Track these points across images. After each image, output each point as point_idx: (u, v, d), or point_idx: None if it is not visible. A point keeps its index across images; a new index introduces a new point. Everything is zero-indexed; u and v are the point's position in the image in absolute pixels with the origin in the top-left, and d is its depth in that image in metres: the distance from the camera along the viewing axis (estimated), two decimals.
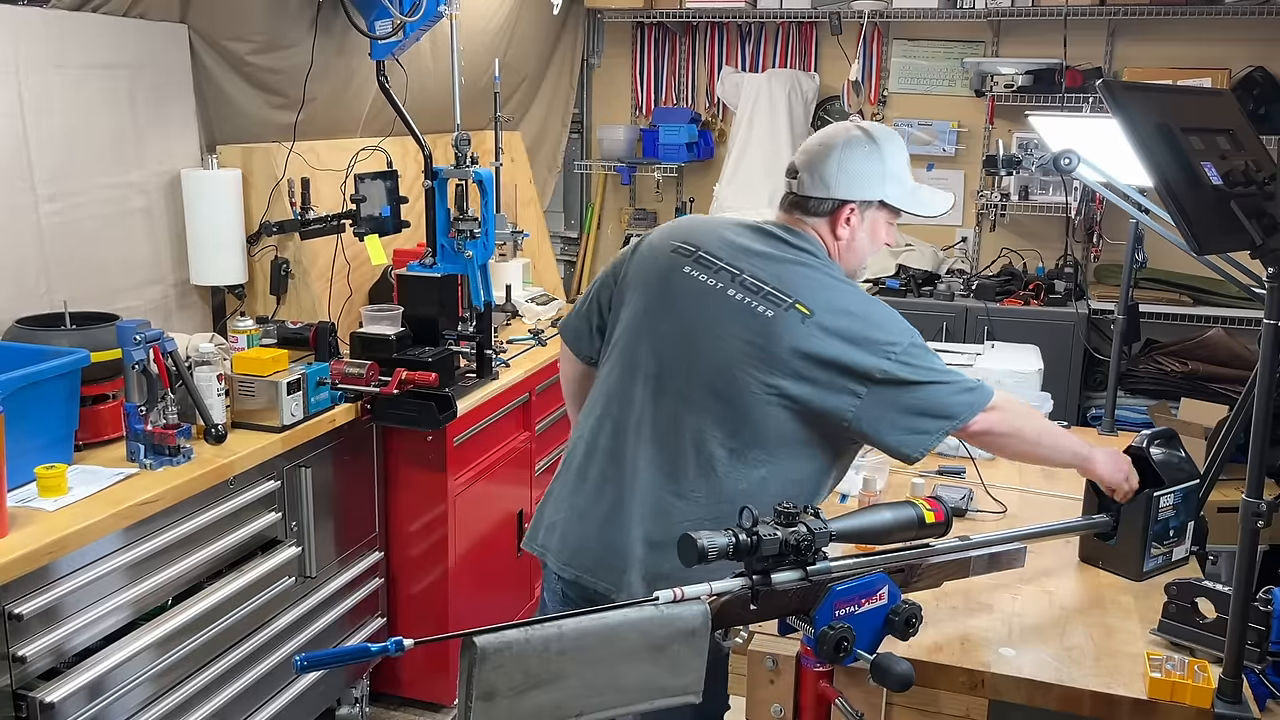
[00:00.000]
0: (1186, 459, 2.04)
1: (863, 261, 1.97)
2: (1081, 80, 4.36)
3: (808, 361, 1.78)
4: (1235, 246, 1.48)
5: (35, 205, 2.59)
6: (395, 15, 3.26)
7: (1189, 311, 4.25)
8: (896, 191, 1.91)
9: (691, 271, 1.89)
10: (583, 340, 2.09)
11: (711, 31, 5.04)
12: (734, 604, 1.35)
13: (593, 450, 1.94)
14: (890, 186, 1.90)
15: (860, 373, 1.77)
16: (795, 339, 1.78)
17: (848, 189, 1.88)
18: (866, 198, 1.89)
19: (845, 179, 1.87)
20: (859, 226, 1.91)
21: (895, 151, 1.92)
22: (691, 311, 1.87)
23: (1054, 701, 1.61)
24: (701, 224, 2.02)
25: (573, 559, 1.91)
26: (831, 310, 1.80)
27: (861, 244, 1.93)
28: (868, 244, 1.94)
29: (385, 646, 1.14)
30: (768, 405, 1.80)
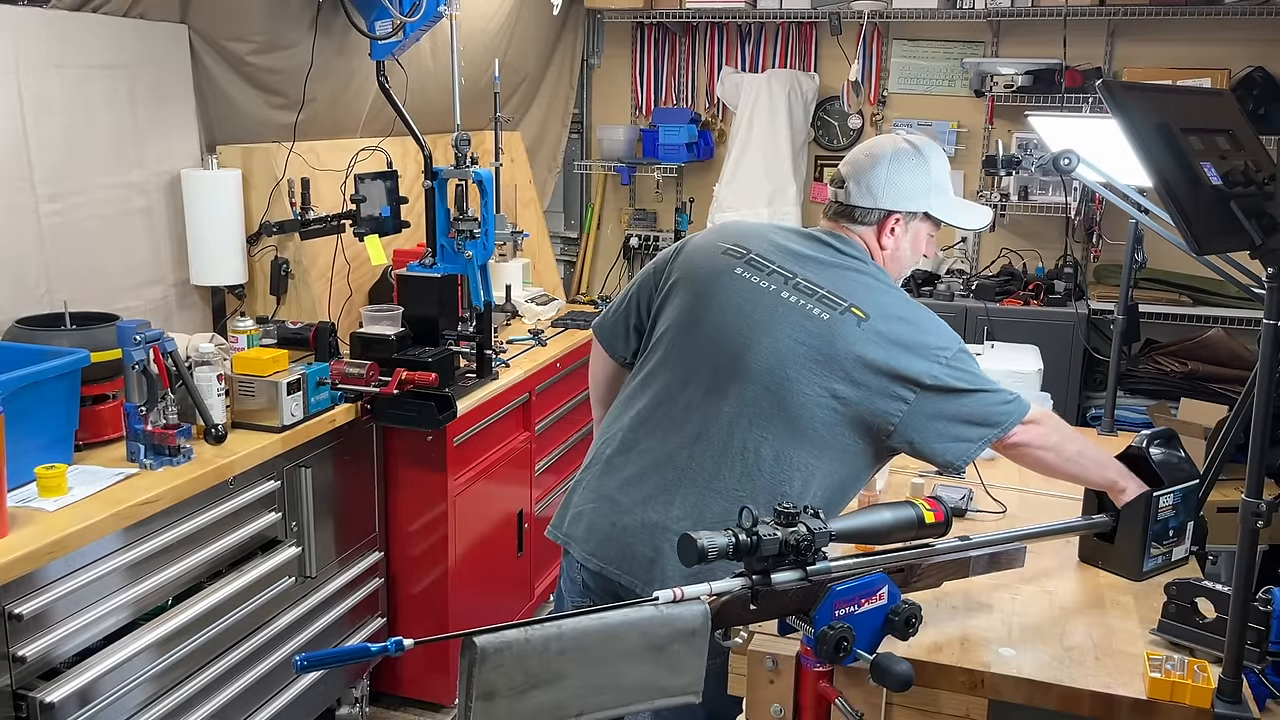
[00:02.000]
0: (1186, 459, 2.04)
1: (904, 271, 2.00)
2: (1081, 80, 4.37)
3: (862, 365, 1.80)
4: (1235, 246, 1.48)
5: (35, 205, 2.59)
6: (395, 15, 3.27)
7: (1189, 311, 4.25)
8: (940, 203, 1.96)
9: (743, 273, 1.91)
10: (619, 340, 2.10)
11: (711, 31, 5.04)
12: (734, 604, 1.35)
13: (630, 445, 1.93)
14: (935, 198, 1.95)
15: (911, 378, 1.79)
16: (851, 342, 1.80)
17: (895, 200, 1.92)
18: (913, 209, 1.94)
19: (893, 190, 1.92)
20: (903, 237, 1.95)
21: (940, 164, 1.97)
22: (744, 312, 1.88)
23: (1054, 701, 1.60)
24: (750, 228, 2.05)
25: (598, 549, 1.90)
26: (886, 315, 1.83)
27: (904, 254, 1.97)
28: (909, 254, 1.98)
29: (385, 646, 1.14)
30: (818, 408, 1.81)
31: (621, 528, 1.88)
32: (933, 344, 1.81)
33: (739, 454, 1.84)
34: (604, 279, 5.34)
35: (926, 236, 1.99)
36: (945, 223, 1.98)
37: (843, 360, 1.80)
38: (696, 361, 1.90)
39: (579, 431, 4.14)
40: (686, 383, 1.90)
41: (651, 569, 1.84)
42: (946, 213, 1.97)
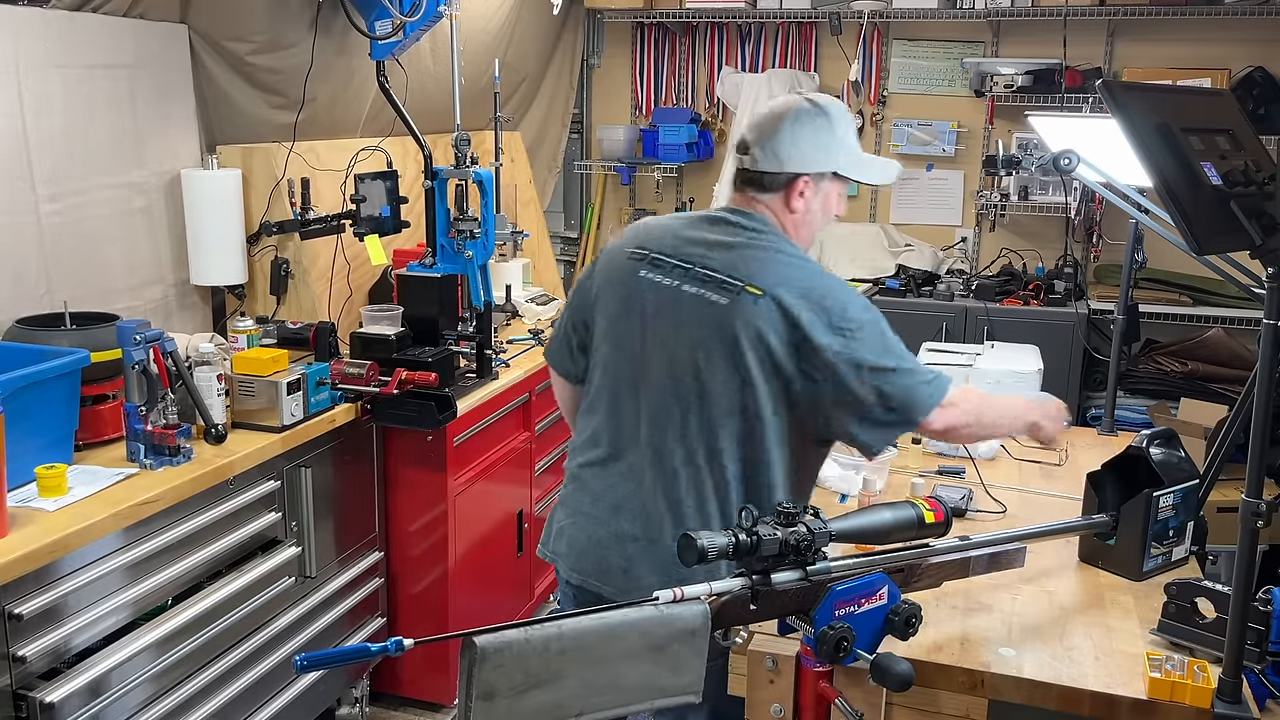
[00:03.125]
0: (1186, 459, 2.04)
1: (816, 233, 1.96)
2: (1081, 80, 4.37)
3: (764, 346, 1.77)
4: (1235, 246, 1.49)
5: (35, 205, 2.59)
6: (395, 15, 3.26)
7: (1189, 311, 4.25)
8: (848, 161, 1.90)
9: (647, 274, 1.90)
10: (566, 362, 2.10)
11: (711, 31, 5.04)
12: (734, 604, 1.35)
13: (594, 460, 1.96)
14: (842, 157, 1.89)
15: (815, 354, 1.75)
16: (750, 323, 1.78)
17: (802, 161, 1.86)
18: (820, 169, 1.87)
19: (798, 152, 1.86)
20: (813, 199, 1.89)
21: (844, 121, 1.90)
22: (656, 314, 1.88)
23: (1054, 701, 1.61)
24: (656, 224, 2.02)
25: (579, 563, 1.93)
26: (784, 289, 1.78)
27: (815, 216, 1.92)
28: (820, 216, 1.93)
29: (385, 646, 1.14)
30: (737, 399, 1.80)
31: (596, 540, 1.91)
32: (836, 318, 1.77)
33: (683, 461, 1.85)
34: None
35: (837, 196, 1.93)
36: (854, 180, 1.93)
37: (745, 344, 1.78)
38: (623, 373, 1.92)
39: None
40: (621, 396, 1.92)
41: (626, 579, 1.85)
42: (855, 170, 1.91)
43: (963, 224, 4.86)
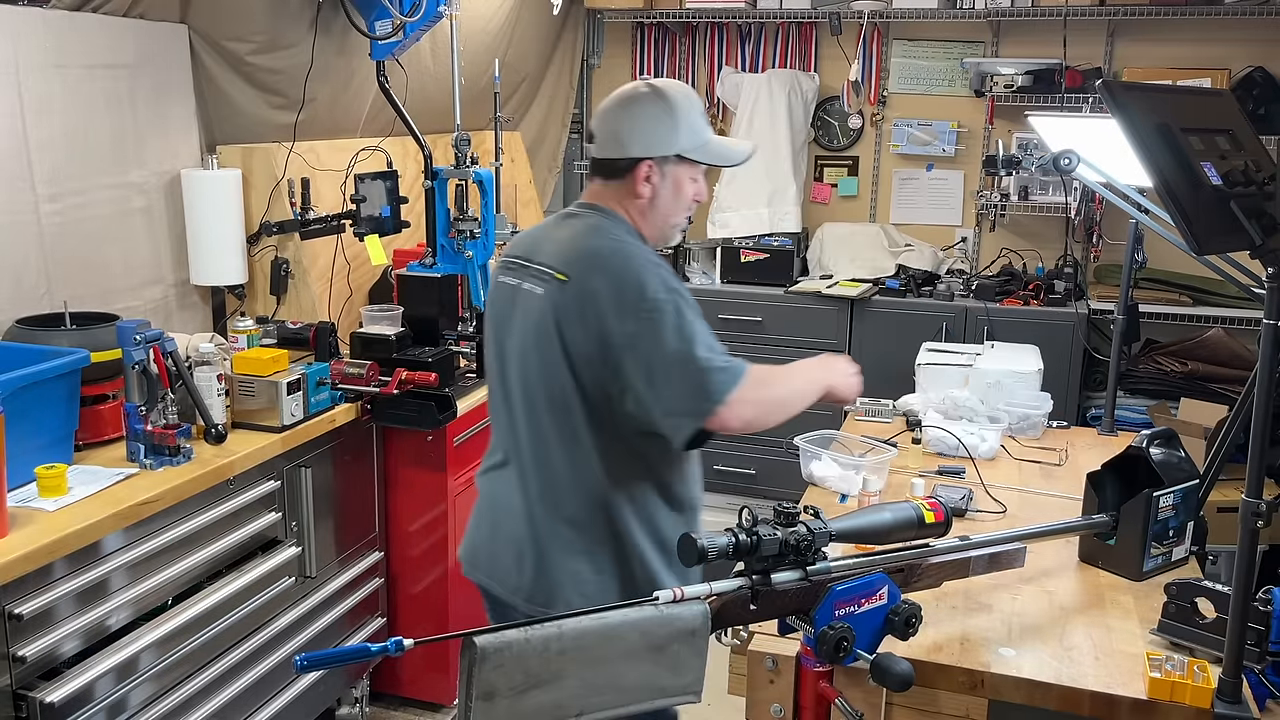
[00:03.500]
0: (1186, 459, 2.04)
1: (671, 219, 1.92)
2: (1081, 80, 4.36)
3: (572, 332, 1.77)
4: (1235, 246, 1.49)
5: (35, 205, 2.59)
6: (395, 15, 3.26)
7: (1189, 311, 4.25)
8: (690, 143, 1.87)
9: (503, 278, 1.95)
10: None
11: (711, 31, 5.04)
12: (734, 604, 1.35)
13: (487, 468, 2.03)
14: (685, 139, 1.86)
15: (611, 337, 1.74)
16: (557, 310, 1.79)
17: (643, 145, 1.85)
18: (663, 152, 1.85)
19: (639, 136, 1.85)
20: (660, 184, 1.87)
21: (686, 104, 1.88)
22: (508, 316, 1.91)
23: (1054, 701, 1.61)
24: (528, 230, 2.05)
25: (477, 565, 2.00)
26: (589, 272, 1.77)
27: (665, 201, 1.88)
28: (672, 200, 1.89)
29: (385, 646, 1.14)
30: (567, 393, 1.80)
31: (490, 543, 1.96)
32: (632, 298, 1.74)
33: (540, 465, 1.87)
34: None
35: (689, 180, 1.89)
36: (700, 163, 1.89)
37: (556, 332, 1.79)
38: (495, 378, 1.98)
39: None
40: (497, 401, 1.97)
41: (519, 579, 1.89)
42: (699, 152, 1.88)
43: (963, 224, 4.85)
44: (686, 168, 1.88)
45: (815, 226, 4.93)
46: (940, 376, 3.10)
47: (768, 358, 4.48)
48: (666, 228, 1.92)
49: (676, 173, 1.87)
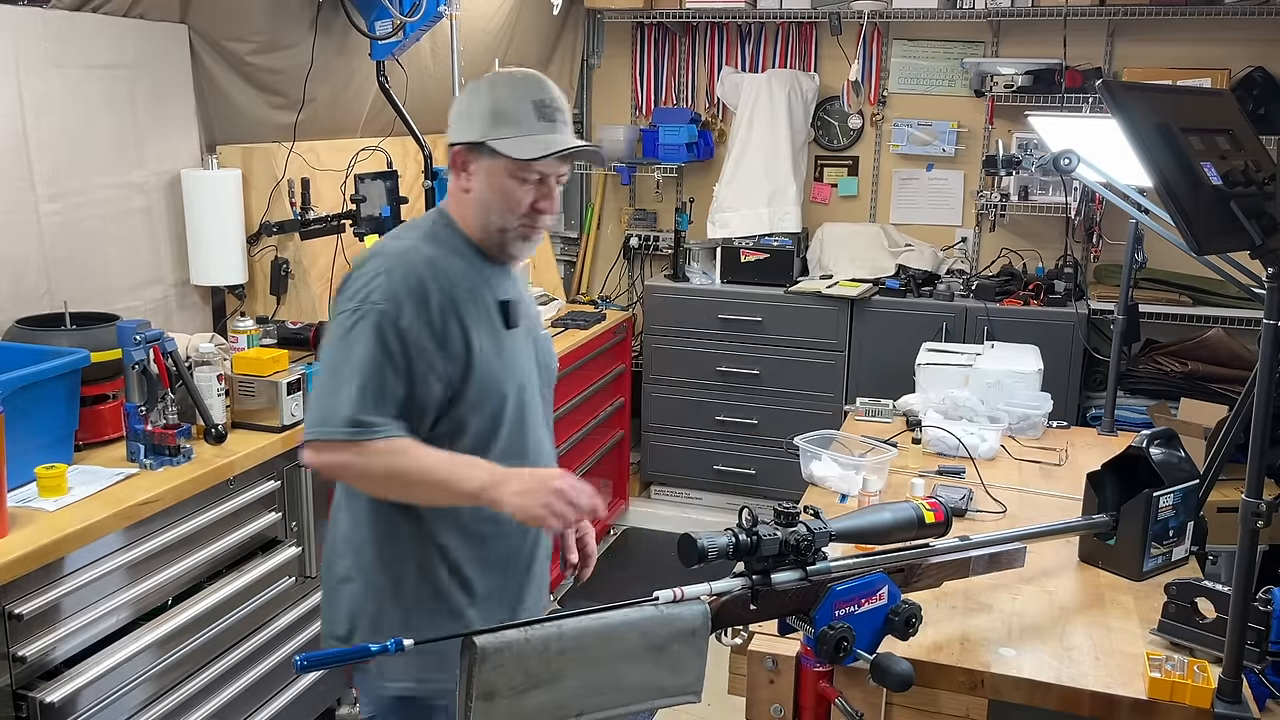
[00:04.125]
0: (1186, 459, 2.04)
1: (491, 217, 1.73)
2: (1081, 80, 4.36)
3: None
4: (1235, 246, 1.49)
5: (35, 205, 2.59)
6: (395, 15, 3.27)
7: (1189, 311, 4.25)
8: (500, 133, 1.68)
9: None
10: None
11: (711, 31, 5.04)
12: (734, 604, 1.35)
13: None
14: (495, 128, 1.68)
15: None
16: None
17: (456, 131, 1.73)
18: (467, 139, 1.71)
19: (457, 121, 1.73)
20: (477, 175, 1.72)
21: (510, 90, 1.71)
22: None
23: (1054, 701, 1.61)
24: None
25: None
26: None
27: (483, 196, 1.72)
28: (489, 195, 1.71)
29: (385, 646, 1.15)
30: None
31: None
32: (339, 295, 1.67)
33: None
34: (604, 279, 5.34)
35: (511, 180, 1.69)
36: (503, 155, 1.68)
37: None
38: None
39: (578, 432, 4.14)
40: None
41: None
42: (506, 144, 1.67)
43: (963, 224, 4.85)
44: (505, 163, 1.69)
45: (815, 226, 4.93)
46: (940, 376, 3.10)
47: (768, 357, 4.52)
48: (492, 231, 1.74)
49: (491, 166, 1.70)
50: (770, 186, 4.71)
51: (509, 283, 1.81)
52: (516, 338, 1.79)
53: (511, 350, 1.77)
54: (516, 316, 1.78)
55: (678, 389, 4.71)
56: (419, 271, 1.66)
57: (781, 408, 4.55)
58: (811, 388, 4.51)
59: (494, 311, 1.75)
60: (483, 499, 1.60)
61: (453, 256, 1.73)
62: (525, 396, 1.80)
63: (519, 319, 1.79)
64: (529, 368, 1.83)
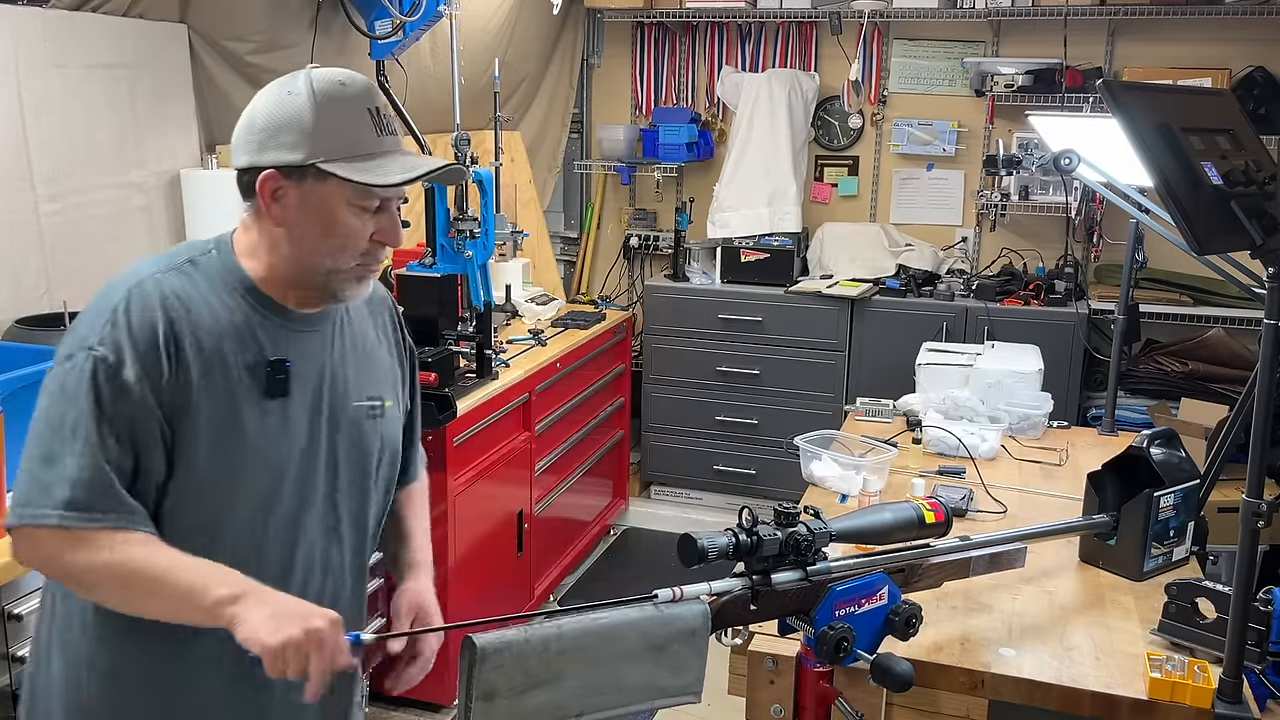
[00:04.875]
0: (1187, 459, 2.04)
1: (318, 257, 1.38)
2: (1081, 80, 4.36)
3: None
4: (1235, 246, 1.49)
5: (35, 205, 2.59)
6: (395, 15, 3.26)
7: (1189, 311, 4.25)
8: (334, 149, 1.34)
9: None
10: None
11: (711, 31, 5.04)
12: (734, 604, 1.35)
13: None
14: (324, 143, 1.33)
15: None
16: None
17: (260, 150, 1.35)
18: (288, 160, 1.33)
19: (259, 137, 1.35)
20: (295, 205, 1.35)
21: (336, 97, 1.35)
22: None
23: (1054, 701, 1.61)
24: None
25: None
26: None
27: (309, 229, 1.36)
28: (315, 229, 1.36)
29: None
30: None
31: None
32: (58, 351, 1.35)
33: None
34: (604, 279, 5.34)
35: (345, 207, 1.35)
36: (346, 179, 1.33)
37: None
38: None
39: (579, 431, 4.14)
40: None
41: None
42: (346, 166, 1.33)
43: (963, 224, 4.85)
44: (344, 188, 1.35)
45: (815, 226, 4.93)
46: (940, 376, 3.10)
47: (768, 357, 4.52)
48: (317, 273, 1.39)
49: (324, 192, 1.35)
50: (770, 186, 4.71)
51: (295, 340, 1.42)
52: (293, 411, 1.40)
53: (277, 428, 1.39)
54: (288, 384, 1.39)
55: (678, 389, 4.71)
56: (153, 312, 1.31)
57: (781, 408, 4.55)
58: (811, 388, 4.51)
59: (256, 373, 1.37)
60: (223, 616, 1.24)
61: (213, 296, 1.37)
62: (294, 492, 1.41)
63: (296, 388, 1.40)
64: (315, 453, 1.43)
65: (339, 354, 1.48)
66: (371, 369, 1.53)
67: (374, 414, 1.51)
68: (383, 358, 1.56)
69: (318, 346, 1.45)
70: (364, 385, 1.50)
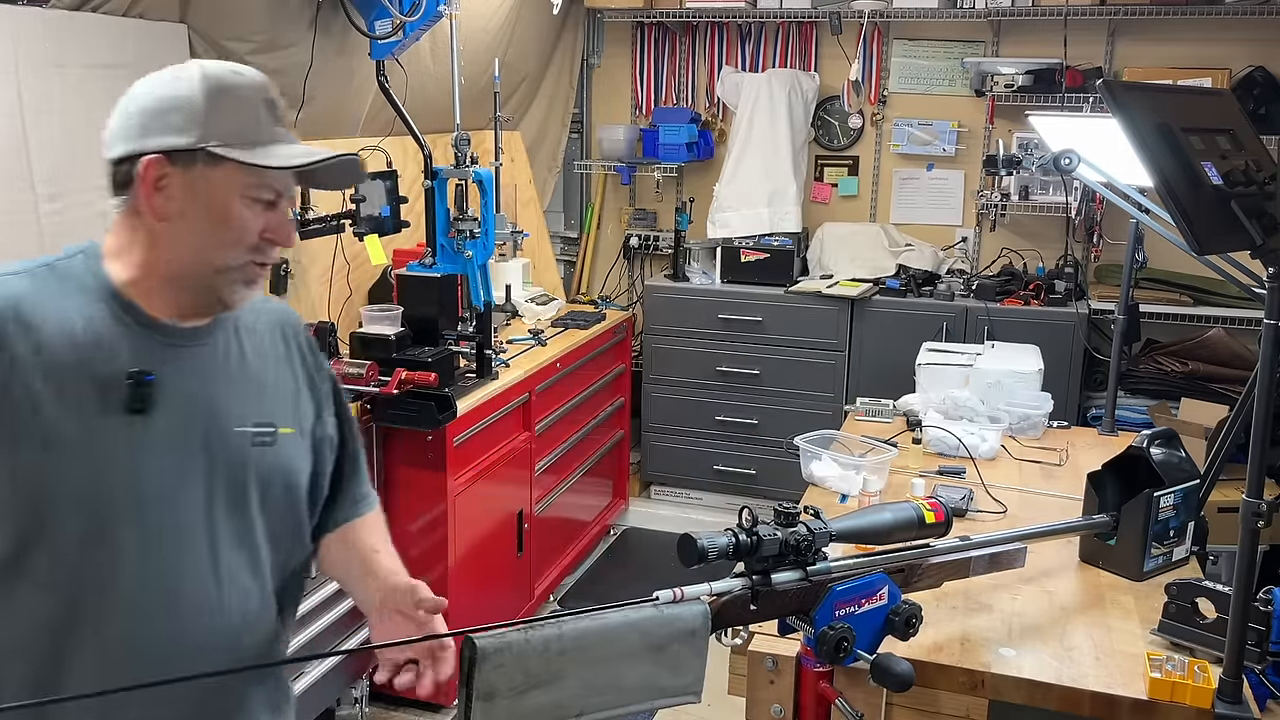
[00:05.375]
0: (1187, 459, 2.04)
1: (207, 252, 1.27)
2: (1081, 80, 4.36)
3: None
4: (1235, 246, 1.49)
5: (35, 205, 2.59)
6: (395, 15, 3.26)
7: (1189, 311, 4.25)
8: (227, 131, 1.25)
9: None
10: None
11: (711, 31, 5.04)
12: (734, 604, 1.35)
13: None
14: (216, 124, 1.25)
15: None
16: None
17: (142, 133, 1.27)
18: (174, 144, 1.24)
19: (139, 120, 1.28)
20: (181, 194, 1.25)
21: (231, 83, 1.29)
22: None
23: (1054, 701, 1.61)
24: None
25: None
26: None
27: (194, 222, 1.25)
28: (204, 222, 1.26)
29: None
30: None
31: None
32: None
33: None
34: (604, 279, 5.34)
35: (238, 198, 1.26)
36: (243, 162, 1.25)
37: None
38: None
39: (579, 431, 4.14)
40: None
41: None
42: (243, 150, 1.25)
43: (963, 224, 4.85)
44: (237, 172, 1.25)
45: (815, 226, 4.93)
46: (940, 376, 3.10)
47: (768, 357, 4.52)
48: (205, 272, 1.28)
49: (212, 178, 1.25)
50: (770, 186, 4.71)
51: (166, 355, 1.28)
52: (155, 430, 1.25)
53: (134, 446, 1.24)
54: (150, 399, 1.24)
55: (678, 389, 4.71)
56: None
57: (781, 408, 4.55)
58: (811, 388, 4.51)
59: (111, 386, 1.23)
60: None
61: (68, 302, 1.24)
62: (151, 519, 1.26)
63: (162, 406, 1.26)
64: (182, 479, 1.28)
65: (221, 375, 1.34)
66: (263, 395, 1.38)
67: (262, 441, 1.35)
68: (284, 384, 1.42)
69: (193, 364, 1.31)
70: (251, 411, 1.35)
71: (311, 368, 1.49)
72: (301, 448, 1.43)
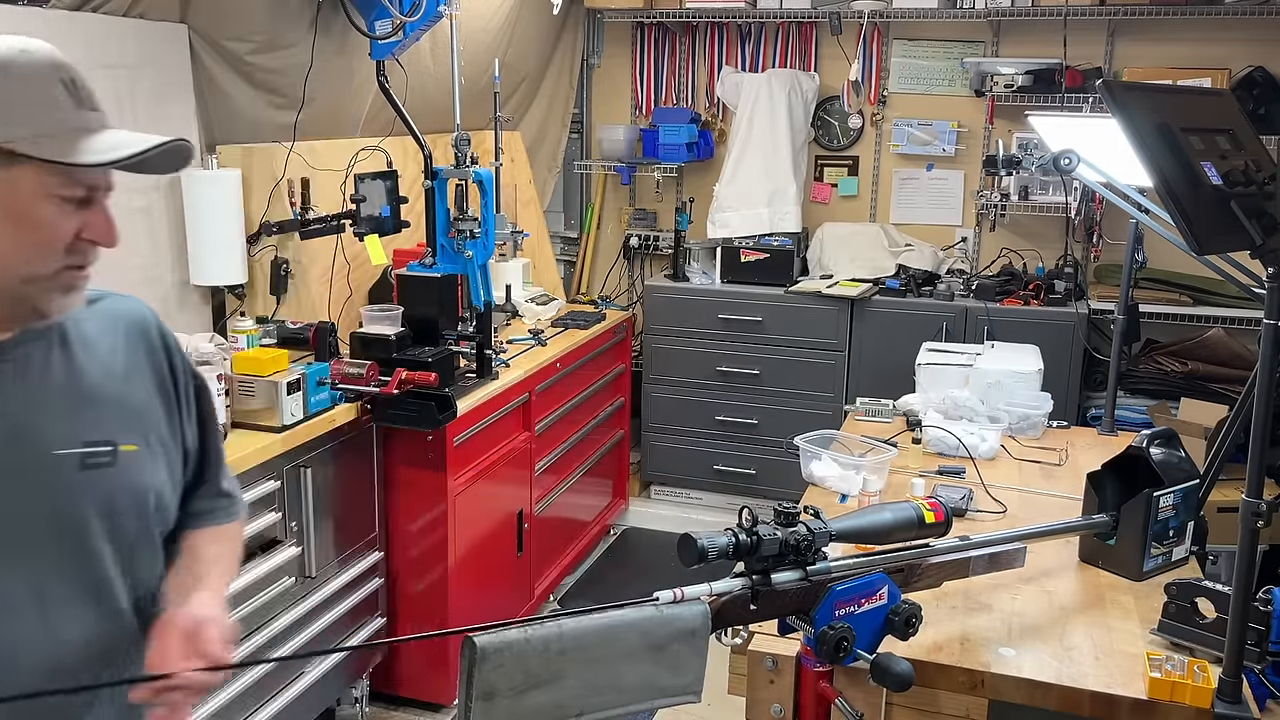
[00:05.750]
0: (1186, 459, 2.04)
1: (13, 263, 1.15)
2: (1081, 80, 4.36)
3: None
4: (1235, 246, 1.49)
5: None
6: (395, 15, 3.26)
7: (1189, 311, 4.25)
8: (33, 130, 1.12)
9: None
10: None
11: (711, 31, 5.04)
12: (734, 604, 1.35)
13: None
14: (24, 122, 1.12)
15: None
16: None
17: None
18: None
19: None
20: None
21: (19, 68, 1.15)
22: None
23: (1054, 701, 1.61)
24: None
25: None
26: None
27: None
28: (5, 226, 1.12)
29: None
30: None
31: None
32: None
33: None
34: (604, 279, 5.34)
35: (44, 199, 1.13)
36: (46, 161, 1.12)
37: None
38: None
39: (579, 431, 4.14)
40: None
41: None
42: (44, 145, 1.11)
43: (963, 224, 4.85)
44: (45, 178, 1.12)
45: (815, 226, 4.93)
46: (940, 376, 3.10)
47: (768, 357, 4.52)
48: (12, 283, 1.16)
49: (9, 181, 1.11)
50: (770, 186, 4.72)
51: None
52: None
53: None
54: None
55: (678, 389, 4.71)
56: None
57: (781, 408, 4.55)
58: (811, 388, 4.51)
59: None
60: None
61: None
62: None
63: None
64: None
65: (35, 393, 1.19)
66: (99, 410, 1.24)
67: (96, 463, 1.21)
68: (130, 395, 1.29)
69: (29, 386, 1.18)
70: (80, 430, 1.21)
71: (165, 371, 1.36)
72: (153, 462, 1.29)
